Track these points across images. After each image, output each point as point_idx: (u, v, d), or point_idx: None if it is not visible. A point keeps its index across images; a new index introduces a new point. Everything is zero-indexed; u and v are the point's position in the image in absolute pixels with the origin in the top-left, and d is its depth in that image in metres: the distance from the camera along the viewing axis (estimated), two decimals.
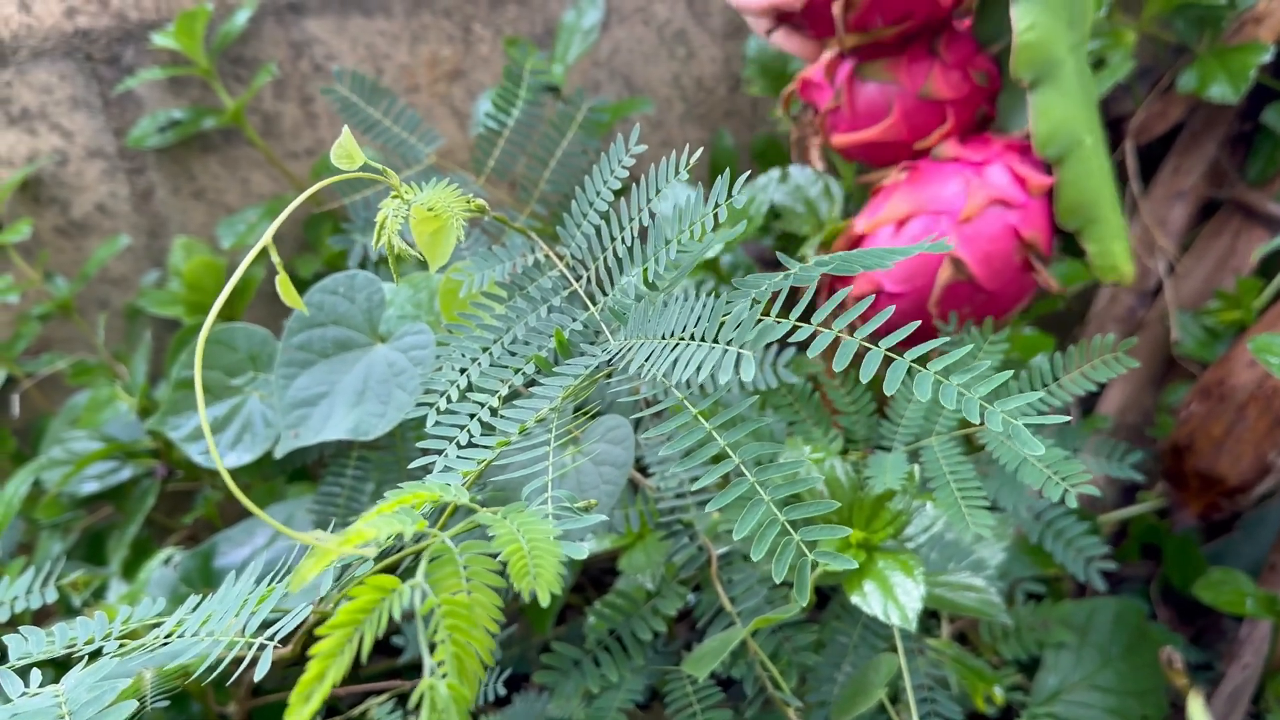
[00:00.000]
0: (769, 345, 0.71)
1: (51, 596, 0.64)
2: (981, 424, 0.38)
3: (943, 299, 0.76)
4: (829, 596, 0.72)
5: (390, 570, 0.48)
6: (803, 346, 0.77)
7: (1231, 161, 1.00)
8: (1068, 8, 0.73)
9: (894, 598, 0.58)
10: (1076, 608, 0.82)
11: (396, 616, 0.36)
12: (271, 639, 0.46)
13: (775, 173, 0.89)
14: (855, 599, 0.59)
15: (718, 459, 0.42)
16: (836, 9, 0.76)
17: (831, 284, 0.82)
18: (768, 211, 0.89)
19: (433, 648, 0.36)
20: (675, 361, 0.44)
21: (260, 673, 0.45)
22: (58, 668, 0.53)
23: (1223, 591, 0.80)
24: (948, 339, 0.44)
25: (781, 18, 0.81)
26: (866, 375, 0.40)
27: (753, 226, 0.87)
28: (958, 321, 0.75)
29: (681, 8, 1.05)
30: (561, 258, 0.56)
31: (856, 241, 0.79)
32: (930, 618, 0.79)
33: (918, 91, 0.79)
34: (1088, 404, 1.02)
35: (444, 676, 0.34)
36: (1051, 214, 0.78)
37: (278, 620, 0.47)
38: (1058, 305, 0.95)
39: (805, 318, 0.43)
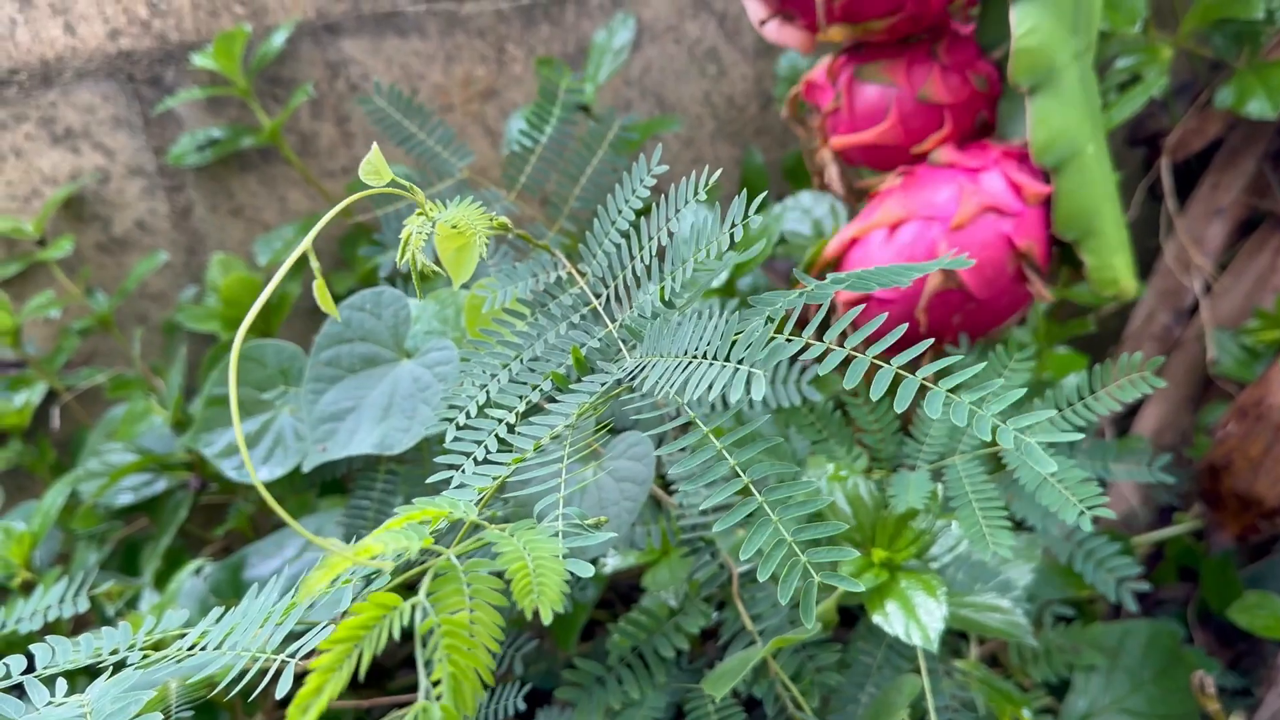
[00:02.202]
0: (791, 363, 0.71)
1: (85, 606, 0.65)
2: (994, 442, 0.37)
3: (931, 306, 0.75)
4: (855, 616, 0.72)
5: (409, 586, 0.48)
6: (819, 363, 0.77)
7: (1273, 177, 0.99)
8: (1071, 12, 0.71)
9: (916, 618, 0.57)
10: (1108, 630, 0.81)
11: (396, 635, 0.36)
12: (294, 655, 0.47)
13: (790, 200, 0.89)
14: (877, 619, 0.58)
15: (727, 477, 0.42)
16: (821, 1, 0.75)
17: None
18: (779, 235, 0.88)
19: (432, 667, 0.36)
20: (687, 381, 0.44)
21: (283, 689, 0.45)
22: (91, 677, 0.54)
23: (1259, 615, 0.78)
24: (961, 356, 0.44)
25: (775, 8, 0.80)
26: (877, 393, 0.40)
27: (769, 248, 0.86)
28: (947, 331, 0.74)
29: (713, 26, 1.05)
30: (583, 275, 0.57)
31: (848, 246, 0.78)
32: (959, 639, 0.78)
33: (916, 94, 0.78)
34: (1123, 424, 1.01)
35: (439, 698, 0.34)
36: (1048, 223, 0.76)
37: (304, 633, 0.48)
38: (1089, 325, 0.94)
39: (820, 333, 0.43)
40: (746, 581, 0.67)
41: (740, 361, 0.42)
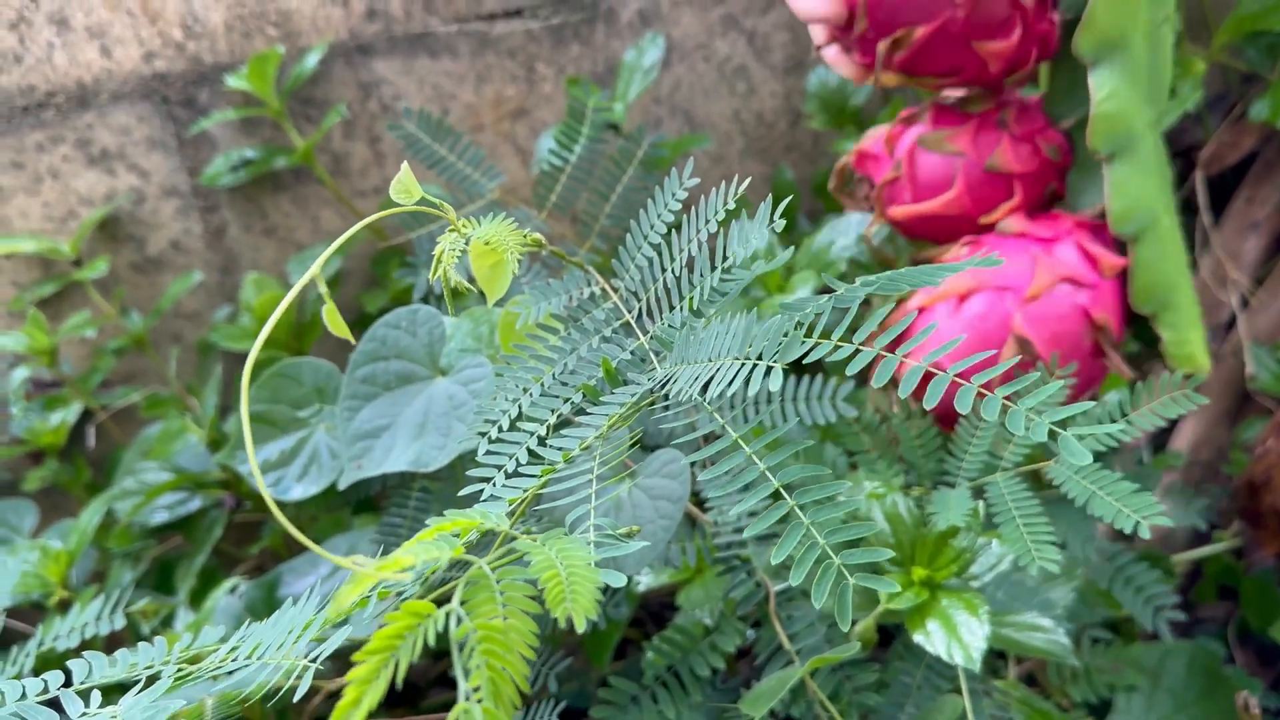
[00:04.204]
0: (826, 380, 0.71)
1: (120, 623, 0.65)
2: (1052, 454, 0.37)
3: (1006, 381, 0.73)
4: (892, 635, 0.71)
5: (442, 601, 0.48)
6: (864, 380, 0.76)
7: None
8: (1147, 81, 0.70)
9: (958, 637, 0.57)
10: (1149, 650, 0.80)
11: (432, 642, 0.36)
12: (314, 659, 0.46)
13: (856, 217, 0.87)
14: (918, 638, 0.58)
15: (757, 482, 0.42)
16: (882, 46, 0.74)
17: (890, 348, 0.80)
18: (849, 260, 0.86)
19: (469, 675, 0.36)
20: (709, 381, 0.44)
21: (299, 693, 0.45)
22: (125, 693, 0.54)
23: None
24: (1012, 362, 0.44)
25: (833, 36, 0.79)
26: (931, 401, 0.40)
27: (833, 272, 0.85)
28: None
29: (742, 44, 1.05)
30: (616, 290, 0.57)
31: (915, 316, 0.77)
32: (997, 658, 0.77)
33: (984, 164, 0.76)
34: (1160, 441, 1.00)
35: (479, 702, 0.34)
36: (1123, 296, 0.74)
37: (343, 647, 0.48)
38: (1129, 345, 0.93)
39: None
40: (784, 600, 0.66)
41: (759, 357, 0.43)
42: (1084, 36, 0.67)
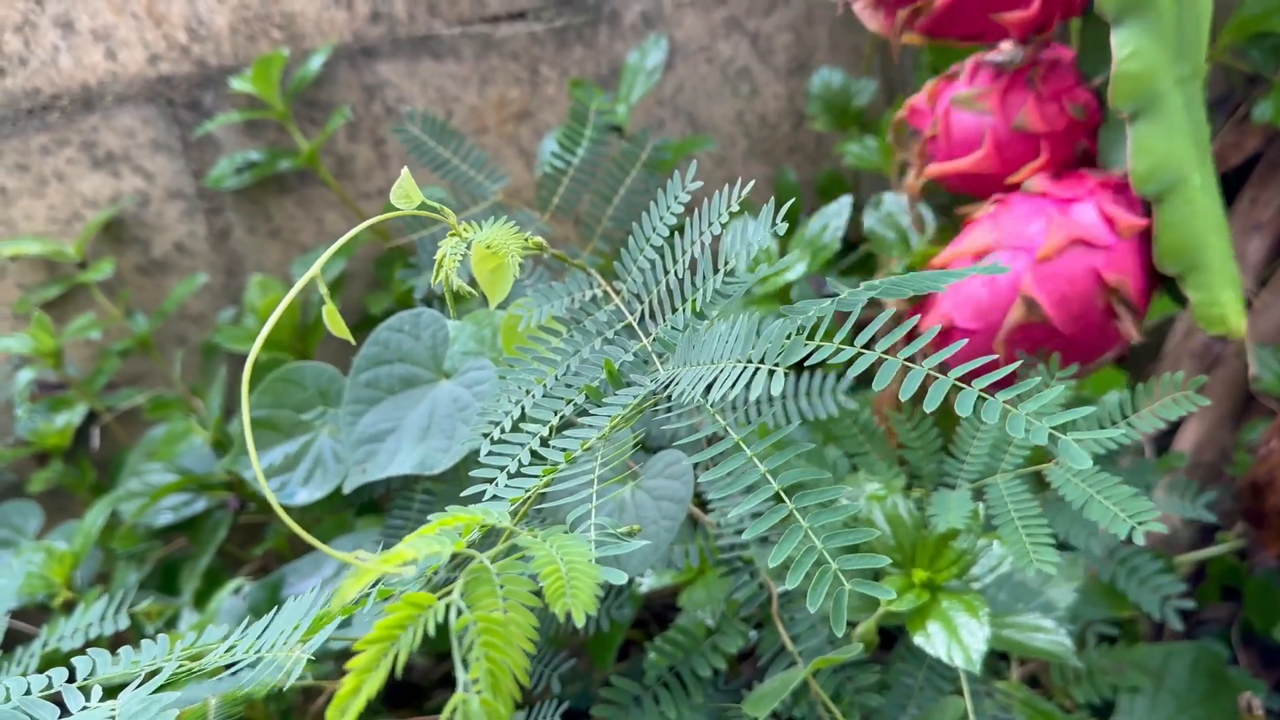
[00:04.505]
0: (827, 375, 0.71)
1: (124, 623, 0.65)
2: (1037, 461, 0.37)
3: (1011, 340, 0.72)
4: (895, 637, 0.71)
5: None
6: (866, 380, 0.76)
7: None
8: (1175, 36, 0.69)
9: (958, 638, 0.57)
10: (1152, 651, 0.80)
11: (431, 633, 0.36)
12: (309, 654, 0.47)
13: (846, 199, 0.89)
14: (919, 639, 0.58)
15: (756, 486, 0.42)
16: (902, 13, 0.75)
17: (904, 316, 0.80)
18: (842, 240, 0.88)
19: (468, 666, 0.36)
20: (712, 383, 0.44)
21: (289, 681, 0.46)
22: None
23: None
24: (1014, 367, 0.44)
25: None
26: (932, 405, 0.40)
27: (821, 259, 0.86)
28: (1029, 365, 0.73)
29: (745, 46, 1.06)
30: (618, 292, 0.57)
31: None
32: (1000, 660, 0.77)
33: (1011, 123, 0.77)
34: (1163, 441, 1.00)
35: (478, 693, 0.34)
36: (1145, 258, 0.74)
37: (347, 648, 0.48)
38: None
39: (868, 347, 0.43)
40: (786, 602, 0.67)
41: (762, 360, 0.43)
42: None
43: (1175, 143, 0.70)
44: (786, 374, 0.43)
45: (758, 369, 0.43)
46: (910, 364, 0.41)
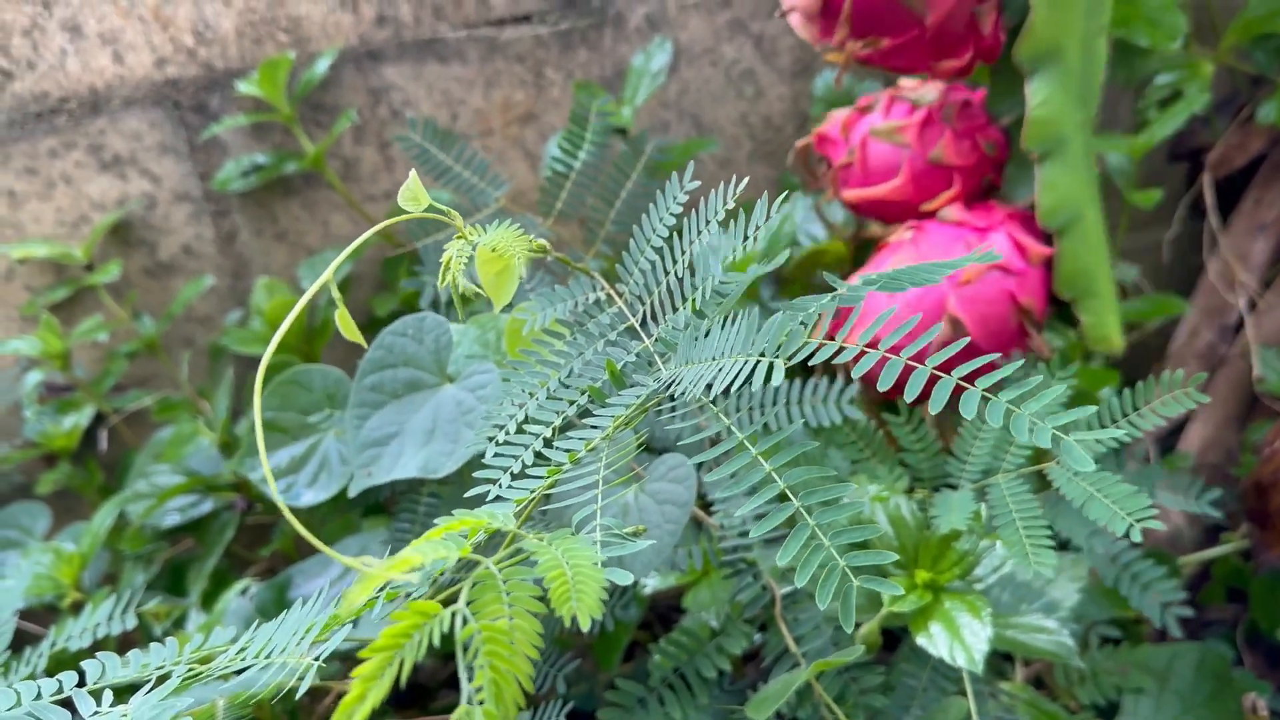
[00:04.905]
0: (831, 381, 0.71)
1: (131, 623, 0.66)
2: (1038, 460, 0.37)
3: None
4: (899, 639, 0.71)
5: (449, 602, 0.48)
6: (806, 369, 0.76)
7: None
8: (1079, 86, 0.75)
9: (961, 639, 0.57)
10: (1157, 652, 0.80)
11: (437, 642, 0.36)
12: (318, 657, 0.47)
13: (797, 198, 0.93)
14: (921, 640, 0.58)
15: (760, 486, 0.43)
16: (853, 45, 0.79)
17: (832, 329, 0.83)
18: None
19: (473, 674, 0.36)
20: (713, 380, 0.44)
21: (302, 690, 0.46)
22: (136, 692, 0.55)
23: None
24: (1019, 363, 0.45)
25: (811, 22, 0.84)
26: (911, 395, 0.41)
27: (783, 245, 0.90)
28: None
29: (749, 48, 1.06)
30: (621, 294, 0.57)
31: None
32: (1004, 661, 0.77)
33: (928, 156, 0.83)
34: (1168, 442, 1.00)
35: (481, 703, 0.35)
36: (1047, 282, 0.80)
37: (352, 649, 0.48)
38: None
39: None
40: (789, 603, 0.67)
41: (762, 354, 0.43)
42: (1024, 46, 0.73)
43: (1076, 181, 0.77)
44: (790, 374, 0.43)
45: (758, 362, 0.43)
46: (916, 363, 0.42)
